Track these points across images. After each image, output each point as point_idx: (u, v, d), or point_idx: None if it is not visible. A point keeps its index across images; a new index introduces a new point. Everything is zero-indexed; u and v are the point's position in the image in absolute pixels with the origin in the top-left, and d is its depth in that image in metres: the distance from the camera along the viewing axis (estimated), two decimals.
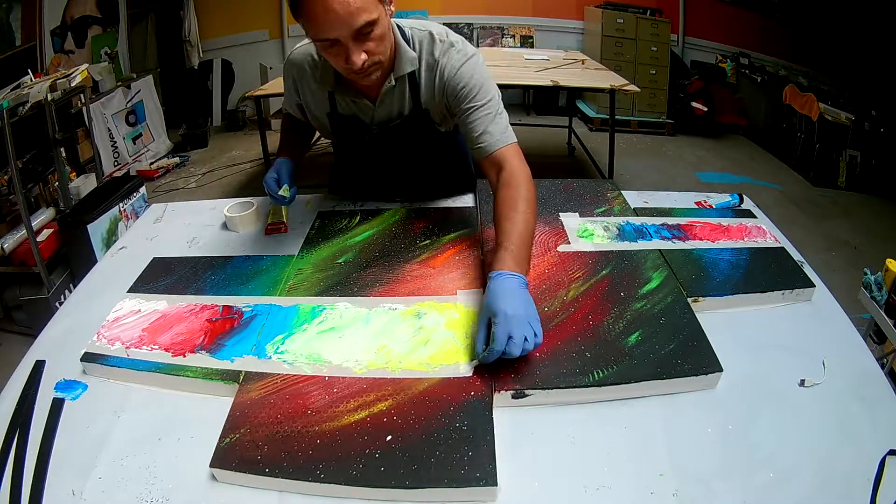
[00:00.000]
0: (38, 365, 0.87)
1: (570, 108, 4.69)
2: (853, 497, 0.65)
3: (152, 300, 0.97)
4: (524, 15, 5.01)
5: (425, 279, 1.00)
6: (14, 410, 0.78)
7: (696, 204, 1.30)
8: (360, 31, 0.88)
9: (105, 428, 0.75)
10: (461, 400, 0.74)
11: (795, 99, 3.92)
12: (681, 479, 0.66)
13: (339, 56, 0.92)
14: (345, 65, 0.93)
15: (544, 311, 0.90)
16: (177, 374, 0.81)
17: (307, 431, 0.70)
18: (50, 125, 2.43)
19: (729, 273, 1.00)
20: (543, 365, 0.79)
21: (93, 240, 2.22)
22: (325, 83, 1.09)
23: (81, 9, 3.72)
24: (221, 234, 1.22)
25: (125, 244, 1.22)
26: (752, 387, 0.80)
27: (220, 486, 0.67)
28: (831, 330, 0.92)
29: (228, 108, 4.95)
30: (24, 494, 0.67)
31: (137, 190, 2.54)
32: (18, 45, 3.20)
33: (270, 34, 4.90)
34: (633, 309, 0.90)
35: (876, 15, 3.66)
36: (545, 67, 3.44)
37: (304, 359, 0.82)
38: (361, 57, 0.91)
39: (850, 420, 0.75)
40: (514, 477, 0.66)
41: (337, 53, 0.92)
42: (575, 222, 1.16)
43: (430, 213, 1.23)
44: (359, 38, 0.89)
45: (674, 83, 4.68)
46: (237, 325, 0.90)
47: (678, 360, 0.80)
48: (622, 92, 3.02)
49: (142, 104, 3.97)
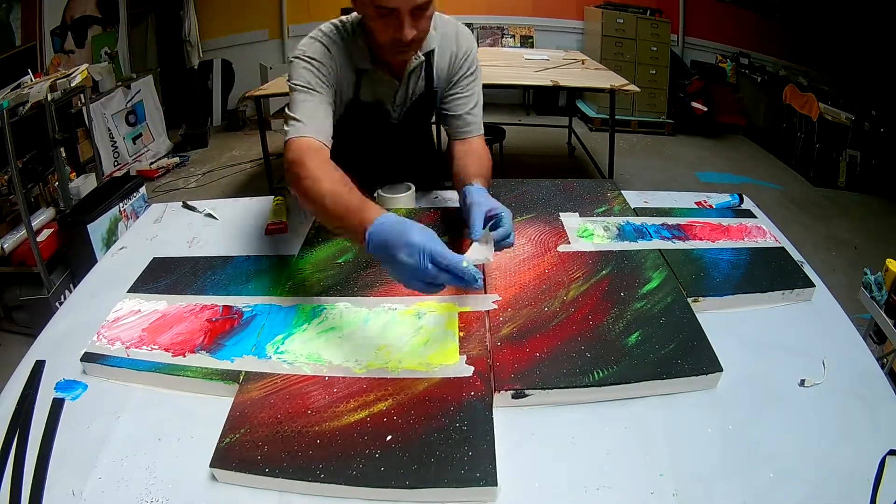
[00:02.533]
0: (38, 365, 0.87)
1: (570, 108, 4.69)
2: (853, 497, 0.65)
3: (152, 300, 0.97)
4: (524, 15, 5.01)
5: None
6: (14, 410, 0.78)
7: (696, 204, 1.30)
8: (419, 6, 0.92)
9: (105, 428, 0.75)
10: (461, 400, 0.74)
11: (795, 99, 3.92)
12: (681, 479, 0.66)
13: (389, 27, 0.95)
14: (393, 35, 0.95)
15: (544, 311, 0.90)
16: (177, 374, 0.81)
17: (307, 431, 0.70)
18: (50, 125, 2.43)
19: (729, 273, 1.00)
20: (543, 365, 0.79)
21: (93, 240, 2.22)
22: (361, 61, 1.09)
23: (81, 9, 3.72)
24: (221, 234, 1.22)
25: (125, 244, 1.22)
26: (752, 387, 0.80)
27: (220, 486, 0.67)
28: (831, 330, 0.92)
29: (228, 108, 4.95)
30: (24, 494, 0.67)
31: (137, 190, 2.55)
32: (18, 45, 3.20)
33: (270, 34, 4.90)
34: (633, 309, 0.90)
35: (876, 15, 3.66)
36: (545, 67, 3.44)
37: (304, 359, 0.82)
38: (412, 32, 0.95)
39: (850, 420, 0.75)
40: (514, 477, 0.66)
41: (388, 24, 0.94)
42: (575, 222, 1.16)
43: (430, 212, 1.23)
44: (415, 12, 0.93)
45: (674, 83, 4.68)
46: (237, 325, 0.90)
47: (678, 360, 0.80)
48: (622, 92, 3.03)
49: (142, 104, 3.97)
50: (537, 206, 1.24)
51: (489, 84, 2.01)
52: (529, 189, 1.31)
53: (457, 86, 1.15)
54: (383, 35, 0.97)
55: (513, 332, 0.86)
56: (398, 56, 1.05)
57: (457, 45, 1.14)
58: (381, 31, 0.97)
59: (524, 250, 1.07)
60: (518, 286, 0.96)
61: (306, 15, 4.79)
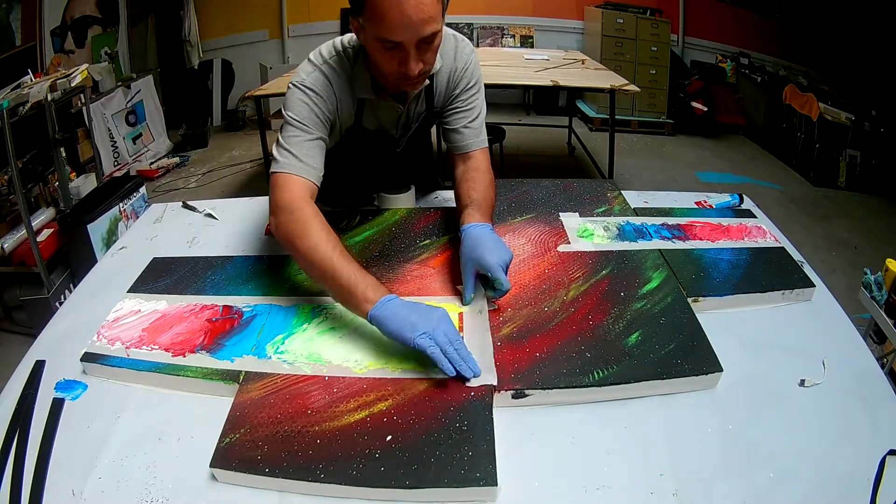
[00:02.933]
0: (38, 365, 0.87)
1: (570, 108, 4.69)
2: (853, 497, 0.65)
3: (152, 300, 0.97)
4: (524, 15, 5.01)
5: (425, 279, 1.00)
6: (14, 410, 0.78)
7: (696, 204, 1.30)
8: (424, 39, 0.89)
9: (105, 428, 0.75)
10: (461, 400, 0.74)
11: (795, 99, 3.92)
12: (681, 479, 0.66)
13: (394, 59, 0.91)
14: (398, 69, 0.92)
15: (544, 311, 0.90)
16: (177, 374, 0.81)
17: (307, 431, 0.70)
18: (50, 125, 2.43)
19: (729, 273, 1.00)
20: (543, 365, 0.79)
21: (93, 240, 2.22)
22: (362, 91, 1.05)
23: (81, 9, 3.72)
24: (221, 234, 1.22)
25: (125, 244, 1.22)
26: (752, 387, 0.80)
27: (220, 486, 0.67)
28: (831, 330, 0.92)
29: (228, 108, 4.95)
30: (24, 494, 0.67)
31: (137, 190, 2.54)
32: (18, 45, 3.20)
33: (270, 34, 4.90)
34: (633, 309, 0.90)
35: (876, 15, 3.66)
36: (545, 67, 3.44)
37: (304, 359, 0.82)
38: (419, 65, 0.92)
39: (850, 420, 0.75)
40: (514, 477, 0.66)
41: (393, 56, 0.91)
42: (575, 222, 1.16)
43: (430, 212, 1.23)
44: (421, 45, 0.90)
45: (674, 83, 4.68)
46: (237, 325, 0.90)
47: (678, 360, 0.80)
48: (622, 92, 3.03)
49: (142, 104, 3.97)
50: (537, 206, 1.24)
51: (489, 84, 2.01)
52: (529, 189, 1.31)
53: (456, 100, 1.12)
54: (388, 67, 0.94)
55: (513, 332, 0.86)
56: (403, 88, 1.01)
57: (455, 61, 1.10)
58: (385, 64, 0.94)
59: (524, 250, 1.07)
60: (518, 286, 0.96)
61: (306, 15, 4.78)
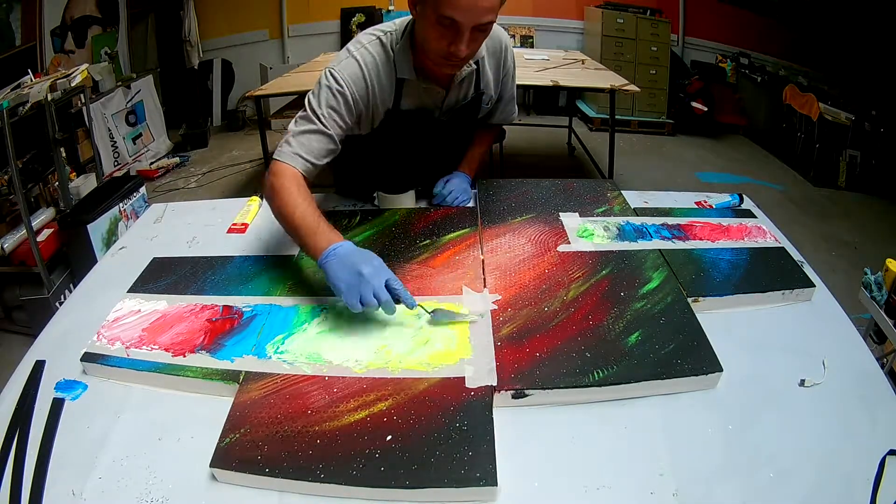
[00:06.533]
0: (38, 365, 0.87)
1: (570, 108, 4.69)
2: (853, 497, 0.65)
3: (152, 300, 0.97)
4: (524, 15, 5.00)
5: (425, 279, 1.00)
6: (14, 410, 0.78)
7: (696, 204, 1.30)
8: (480, 25, 0.93)
9: (105, 428, 0.75)
10: (461, 400, 0.74)
11: (795, 99, 3.92)
12: (681, 479, 0.66)
13: (445, 38, 0.95)
14: (447, 48, 0.96)
15: (544, 311, 0.90)
16: (177, 374, 0.81)
17: (307, 431, 0.70)
18: (50, 125, 2.43)
19: (729, 273, 1.00)
20: (543, 365, 0.79)
21: (93, 240, 2.22)
22: (403, 71, 1.09)
23: (81, 9, 3.72)
24: (221, 234, 1.22)
25: (125, 244, 1.22)
26: (752, 387, 0.80)
27: (220, 486, 0.67)
28: (831, 330, 0.92)
29: (228, 108, 4.94)
30: (24, 494, 0.67)
31: (137, 190, 2.54)
32: (18, 45, 3.20)
33: (270, 34, 4.89)
34: (633, 309, 0.90)
35: (876, 15, 3.66)
36: (545, 67, 3.44)
37: (304, 359, 0.82)
38: (468, 49, 0.96)
39: (850, 420, 0.75)
40: (514, 477, 0.66)
41: (444, 35, 0.95)
42: (575, 222, 1.16)
43: (430, 212, 1.23)
44: (475, 30, 0.94)
45: (674, 83, 4.68)
46: (237, 325, 0.90)
47: (678, 360, 0.80)
48: (622, 92, 3.02)
49: (142, 104, 3.97)
50: (537, 206, 1.24)
51: None
52: (529, 189, 1.31)
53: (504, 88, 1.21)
54: (436, 44, 0.97)
55: (513, 332, 0.86)
56: (445, 69, 1.04)
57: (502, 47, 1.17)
58: (435, 40, 0.97)
59: (524, 250, 1.07)
60: (518, 286, 0.96)
61: (306, 15, 4.78)
